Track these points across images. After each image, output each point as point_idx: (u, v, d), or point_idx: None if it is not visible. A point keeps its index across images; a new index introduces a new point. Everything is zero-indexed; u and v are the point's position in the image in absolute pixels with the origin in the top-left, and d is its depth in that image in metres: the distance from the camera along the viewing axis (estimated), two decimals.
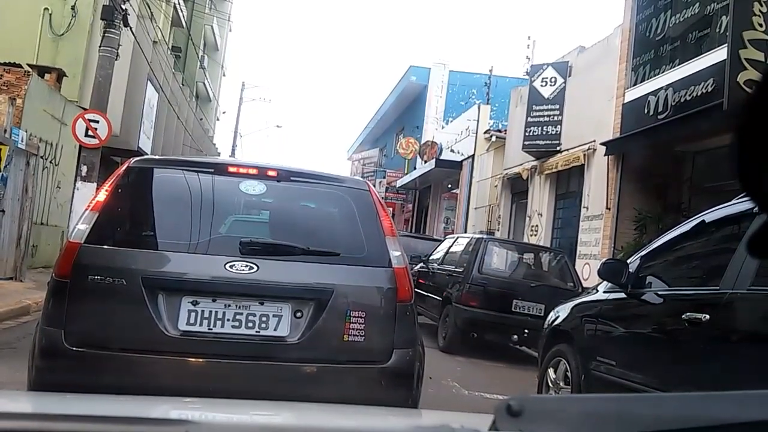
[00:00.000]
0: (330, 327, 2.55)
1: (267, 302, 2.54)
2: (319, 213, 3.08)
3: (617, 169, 9.95)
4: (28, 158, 8.60)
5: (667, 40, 9.25)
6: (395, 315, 2.64)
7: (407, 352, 2.64)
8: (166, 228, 2.74)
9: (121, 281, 2.48)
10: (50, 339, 2.46)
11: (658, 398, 0.84)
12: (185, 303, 2.49)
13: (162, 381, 2.43)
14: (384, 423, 1.33)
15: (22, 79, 9.50)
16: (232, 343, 2.49)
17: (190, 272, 2.56)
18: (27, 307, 6.76)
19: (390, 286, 2.66)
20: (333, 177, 3.05)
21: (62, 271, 2.51)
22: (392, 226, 2.84)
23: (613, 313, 3.71)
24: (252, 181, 2.84)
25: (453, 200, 19.57)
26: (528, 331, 6.75)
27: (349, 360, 2.58)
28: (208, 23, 26.45)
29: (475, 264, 7.13)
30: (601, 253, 9.98)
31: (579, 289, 7.16)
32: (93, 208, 2.63)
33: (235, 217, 3.08)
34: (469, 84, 22.56)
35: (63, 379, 2.34)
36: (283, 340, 2.52)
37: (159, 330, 2.43)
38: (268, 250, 2.64)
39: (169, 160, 3.17)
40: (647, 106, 9.14)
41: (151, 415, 1.14)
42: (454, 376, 5.90)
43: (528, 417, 0.75)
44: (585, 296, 4.29)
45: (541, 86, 12.26)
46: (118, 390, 1.78)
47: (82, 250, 2.52)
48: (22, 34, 12.11)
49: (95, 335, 2.48)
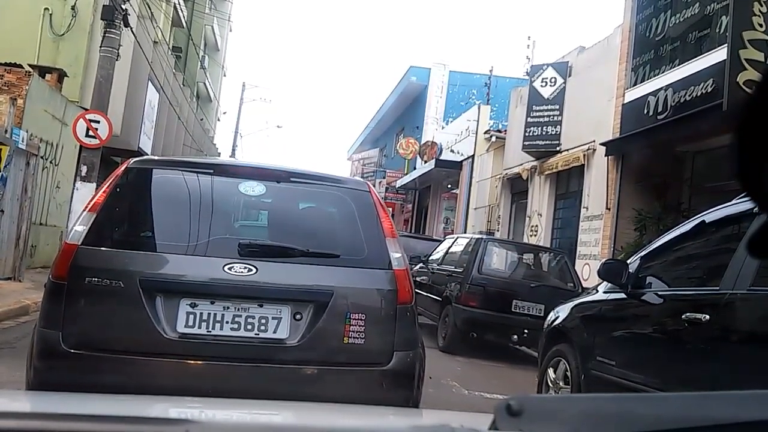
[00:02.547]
0: (330, 329, 2.51)
1: (266, 304, 2.50)
2: (319, 214, 3.03)
3: (617, 169, 9.94)
4: (28, 158, 8.59)
5: (667, 40, 9.24)
6: (395, 317, 2.60)
7: (408, 354, 2.60)
8: (164, 229, 2.70)
9: (118, 283, 2.44)
10: (48, 341, 2.44)
11: (658, 398, 0.84)
12: (183, 305, 2.45)
13: (160, 383, 2.39)
14: (384, 423, 1.33)
15: (23, 79, 9.50)
16: (231, 346, 2.45)
17: (188, 274, 2.51)
18: (26, 307, 6.76)
19: (390, 288, 2.62)
20: (333, 177, 2.99)
21: (59, 273, 2.48)
22: (393, 228, 2.79)
23: (613, 314, 3.71)
24: (251, 182, 2.79)
25: (453, 200, 19.56)
26: (528, 331, 6.75)
27: (349, 362, 2.54)
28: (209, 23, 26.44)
29: (475, 264, 7.13)
30: (601, 254, 9.97)
31: (579, 290, 7.15)
32: (90, 209, 2.59)
33: (234, 218, 3.04)
34: (469, 84, 22.57)
35: (61, 380, 2.31)
36: (283, 343, 2.48)
37: (157, 332, 2.39)
38: (267, 251, 2.60)
39: (167, 161, 3.13)
40: (647, 106, 9.13)
41: (151, 414, 1.14)
42: (454, 375, 5.90)
43: (528, 417, 0.75)
44: (585, 296, 4.29)
45: (541, 86, 12.25)
46: (116, 392, 1.76)
47: (79, 251, 2.48)
48: (23, 34, 12.11)
49: (93, 337, 2.45)
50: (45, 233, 10.67)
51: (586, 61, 11.73)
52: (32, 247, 9.97)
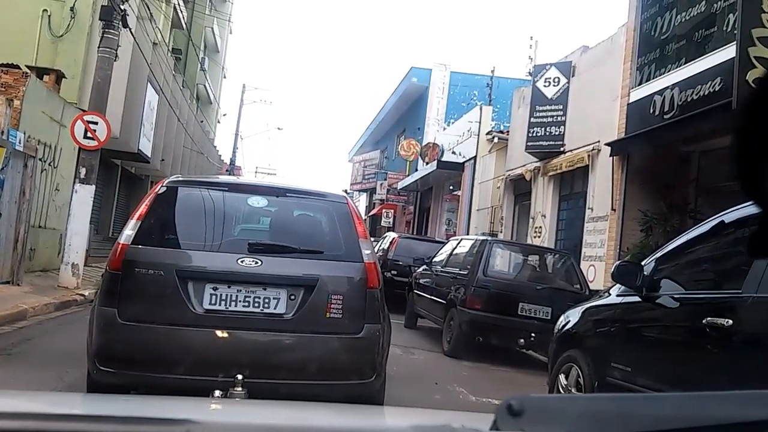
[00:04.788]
0: (316, 307, 3.27)
1: (269, 288, 3.27)
2: (308, 220, 3.88)
3: (622, 169, 9.82)
4: (25, 160, 8.47)
5: (673, 38, 9.13)
6: (365, 298, 3.36)
7: (376, 327, 3.35)
8: (192, 232, 3.47)
9: (159, 272, 3.21)
10: (107, 316, 3.16)
11: (658, 398, 0.84)
12: (208, 289, 3.22)
13: (191, 346, 3.15)
14: (384, 423, 1.34)
15: (20, 80, 9.38)
16: (244, 318, 3.22)
17: (211, 266, 3.29)
18: (23, 312, 6.63)
19: (362, 277, 3.38)
20: (318, 192, 3.81)
21: (114, 266, 3.24)
22: (365, 231, 3.59)
23: (627, 318, 3.58)
24: (257, 197, 3.74)
25: (454, 202, 19.44)
26: (535, 334, 6.62)
27: (330, 331, 3.30)
28: (209, 25, 26.35)
29: (480, 266, 6.98)
30: (606, 255, 9.86)
31: (586, 292, 7.02)
32: (137, 217, 3.37)
33: (244, 223, 3.90)
34: (471, 85, 22.45)
35: (117, 345, 3.16)
36: (282, 317, 3.25)
37: (189, 309, 3.16)
38: (269, 249, 3.40)
39: (194, 181, 3.92)
40: (653, 105, 9.02)
41: (151, 414, 1.15)
42: (461, 381, 5.76)
43: (529, 416, 0.75)
44: (597, 300, 4.16)
45: (544, 86, 12.14)
46: (158, 353, 3.14)
47: (130, 249, 3.25)
48: (21, 35, 12.00)
49: (141, 313, 3.18)
50: (44, 236, 10.55)
51: (589, 60, 11.62)
52: (31, 250, 9.85)
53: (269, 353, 3.23)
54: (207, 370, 3.06)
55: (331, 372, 3.27)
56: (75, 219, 9.00)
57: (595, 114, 10.77)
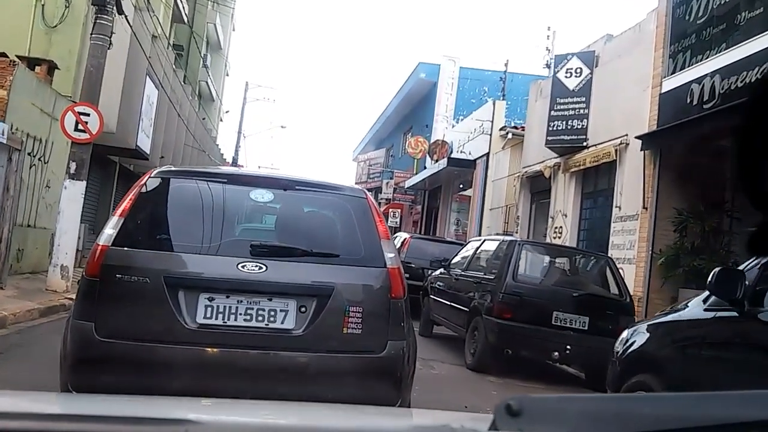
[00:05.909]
0: (331, 321, 2.79)
1: (275, 298, 2.79)
2: (321, 218, 3.36)
3: (654, 164, 9.11)
4: (10, 153, 7.80)
5: (711, 22, 8.43)
6: (389, 310, 2.87)
7: (400, 344, 2.87)
8: (184, 232, 2.99)
9: (145, 279, 2.74)
10: (83, 331, 2.72)
11: (658, 398, 0.86)
12: (202, 299, 2.74)
13: (181, 369, 2.67)
14: (384, 423, 1.31)
15: (7, 69, 8.73)
16: (244, 335, 2.74)
17: (206, 272, 2.81)
18: (3, 320, 5.97)
19: (384, 285, 2.89)
20: (333, 185, 3.31)
21: (92, 271, 2.78)
22: (387, 230, 3.08)
23: (725, 338, 2.89)
24: (261, 190, 3.16)
25: (464, 202, 18.75)
26: (570, 347, 5.92)
27: (347, 350, 2.82)
28: (211, 21, 25.77)
29: (509, 270, 6.27)
30: (636, 257, 9.16)
31: (627, 299, 6.33)
32: (120, 214, 2.88)
33: (246, 222, 3.44)
34: (481, 80, 21.76)
35: (94, 366, 2.68)
36: (289, 332, 2.78)
37: (179, 323, 2.69)
38: (276, 251, 2.90)
39: (186, 171, 3.40)
40: (690, 95, 8.32)
41: (151, 414, 1.11)
42: (491, 401, 5.06)
43: (528, 417, 0.74)
44: (672, 314, 3.46)
45: (566, 77, 11.44)
46: (142, 376, 2.60)
47: (109, 252, 2.77)
48: (14, 26, 11.38)
49: (123, 328, 2.73)
50: (34, 236, 9.92)
51: (614, 49, 10.92)
52: (19, 250, 9.22)
53: (274, 377, 2.71)
54: (200, 396, 2.48)
55: (348, 399, 2.62)
56: (64, 217, 8.35)
57: (622, 106, 10.07)
